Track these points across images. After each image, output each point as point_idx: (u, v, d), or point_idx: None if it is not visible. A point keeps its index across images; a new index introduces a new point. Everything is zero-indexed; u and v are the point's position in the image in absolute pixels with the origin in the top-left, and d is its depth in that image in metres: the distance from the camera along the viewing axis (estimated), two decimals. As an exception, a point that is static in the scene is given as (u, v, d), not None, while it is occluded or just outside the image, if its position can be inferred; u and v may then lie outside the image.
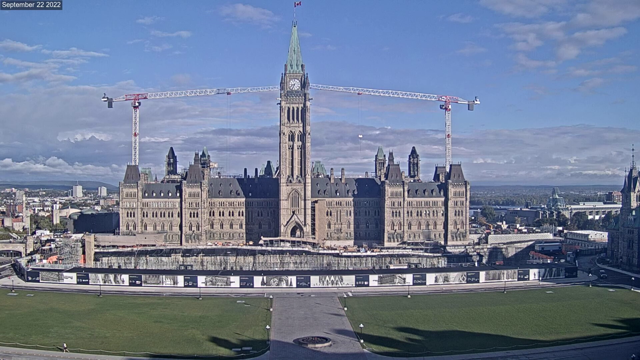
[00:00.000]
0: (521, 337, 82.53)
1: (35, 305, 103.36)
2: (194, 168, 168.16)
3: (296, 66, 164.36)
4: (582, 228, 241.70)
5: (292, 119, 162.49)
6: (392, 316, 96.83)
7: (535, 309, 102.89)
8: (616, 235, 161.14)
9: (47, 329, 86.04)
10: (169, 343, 79.63)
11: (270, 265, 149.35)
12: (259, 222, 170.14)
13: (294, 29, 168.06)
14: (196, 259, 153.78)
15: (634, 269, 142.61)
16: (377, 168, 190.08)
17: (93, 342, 78.91)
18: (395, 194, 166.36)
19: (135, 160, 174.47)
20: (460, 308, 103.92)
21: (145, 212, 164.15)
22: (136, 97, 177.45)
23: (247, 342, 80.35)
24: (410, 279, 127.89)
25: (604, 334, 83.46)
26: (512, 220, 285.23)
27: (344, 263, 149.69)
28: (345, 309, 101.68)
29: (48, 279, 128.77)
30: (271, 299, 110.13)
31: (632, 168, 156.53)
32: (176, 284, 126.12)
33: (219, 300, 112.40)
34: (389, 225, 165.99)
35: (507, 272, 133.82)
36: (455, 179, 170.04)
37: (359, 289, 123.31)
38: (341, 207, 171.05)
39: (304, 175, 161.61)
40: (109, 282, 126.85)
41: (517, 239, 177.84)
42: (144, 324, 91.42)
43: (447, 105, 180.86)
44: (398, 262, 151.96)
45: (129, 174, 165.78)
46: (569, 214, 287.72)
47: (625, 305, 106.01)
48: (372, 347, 77.69)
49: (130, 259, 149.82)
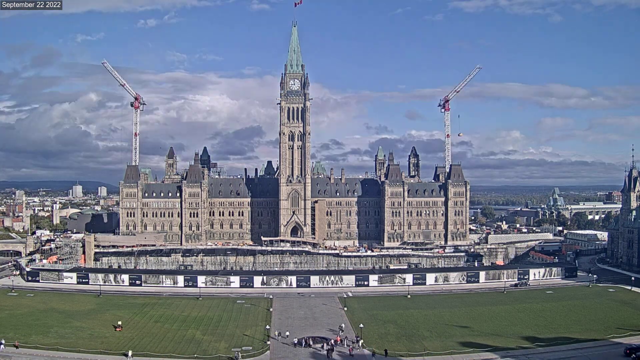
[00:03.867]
0: (521, 337, 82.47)
1: (35, 305, 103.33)
2: (194, 168, 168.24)
3: (296, 66, 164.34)
4: (582, 228, 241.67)
5: (292, 119, 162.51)
6: (392, 316, 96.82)
7: (535, 309, 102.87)
8: (616, 235, 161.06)
9: (47, 329, 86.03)
10: (169, 343, 79.65)
11: (270, 265, 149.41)
12: (259, 222, 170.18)
13: (294, 29, 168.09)
14: (196, 259, 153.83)
15: (634, 269, 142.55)
16: (377, 168, 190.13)
17: (93, 342, 78.95)
18: (395, 194, 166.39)
19: (135, 160, 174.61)
20: (460, 308, 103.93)
21: (145, 212, 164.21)
22: (136, 97, 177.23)
23: (247, 342, 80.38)
24: (410, 279, 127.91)
25: (604, 334, 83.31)
26: (512, 220, 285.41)
27: (344, 263, 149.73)
28: (345, 309, 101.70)
29: (48, 279, 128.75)
30: (271, 299, 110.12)
31: (632, 168, 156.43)
32: (176, 284, 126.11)
33: (219, 300, 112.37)
34: (389, 225, 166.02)
35: (507, 272, 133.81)
36: (455, 179, 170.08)
37: (359, 289, 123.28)
38: (341, 207, 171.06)
39: (304, 175, 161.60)
40: (109, 282, 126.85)
41: (517, 239, 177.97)
42: (144, 324, 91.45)
43: (447, 105, 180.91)
44: (398, 262, 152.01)
45: (129, 174, 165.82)
46: (569, 214, 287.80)
47: (625, 305, 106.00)
48: (372, 347, 77.68)
49: (130, 259, 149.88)
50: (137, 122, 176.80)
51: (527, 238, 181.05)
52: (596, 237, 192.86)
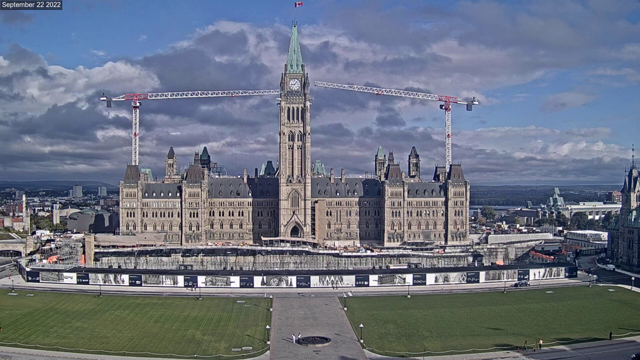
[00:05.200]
0: (521, 337, 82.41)
1: (35, 305, 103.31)
2: (194, 168, 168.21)
3: (296, 66, 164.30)
4: (582, 228, 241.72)
5: (292, 119, 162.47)
6: (392, 316, 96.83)
7: (535, 309, 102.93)
8: (616, 235, 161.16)
9: (47, 329, 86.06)
10: (169, 343, 79.64)
11: (270, 265, 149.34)
12: (259, 222, 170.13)
13: (294, 29, 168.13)
14: (196, 259, 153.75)
15: (634, 269, 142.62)
16: (377, 168, 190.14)
17: (93, 342, 78.95)
18: (395, 194, 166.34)
19: (135, 160, 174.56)
20: (460, 308, 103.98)
21: (145, 212, 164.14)
22: (136, 97, 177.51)
23: (247, 342, 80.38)
24: (410, 279, 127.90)
25: (603, 334, 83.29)
26: (512, 220, 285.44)
27: (344, 263, 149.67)
28: (345, 309, 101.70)
29: (48, 279, 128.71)
30: (271, 299, 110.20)
31: (632, 168, 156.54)
32: (176, 284, 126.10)
33: (219, 300, 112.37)
34: (389, 226, 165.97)
35: (507, 272, 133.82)
36: (455, 179, 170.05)
37: (359, 289, 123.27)
38: (341, 207, 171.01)
39: (304, 175, 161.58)
40: (109, 282, 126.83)
41: (517, 239, 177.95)
42: (144, 324, 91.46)
43: (447, 105, 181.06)
44: (398, 262, 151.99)
45: (129, 174, 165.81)
46: (569, 214, 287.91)
47: (625, 305, 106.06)
48: (372, 347, 77.70)
49: (130, 259, 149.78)
50: (137, 122, 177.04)
51: (527, 238, 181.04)
52: (597, 237, 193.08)
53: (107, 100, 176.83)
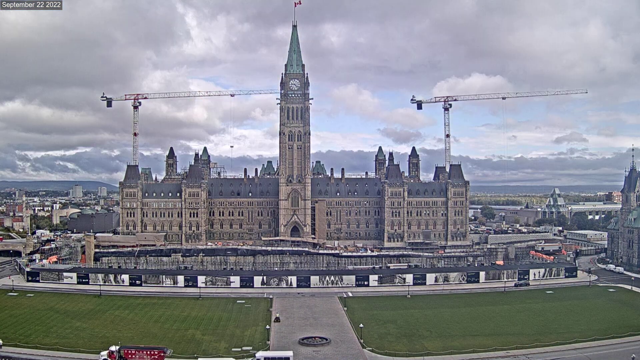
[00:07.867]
0: (521, 337, 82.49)
1: (35, 305, 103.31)
2: (194, 168, 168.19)
3: (296, 66, 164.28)
4: (582, 228, 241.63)
5: (292, 118, 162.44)
6: (392, 316, 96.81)
7: (536, 309, 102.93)
8: (616, 235, 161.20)
9: (47, 329, 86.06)
10: (169, 343, 79.59)
11: (270, 266, 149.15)
12: (259, 222, 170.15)
13: (294, 29, 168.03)
14: (196, 259, 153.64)
15: (634, 269, 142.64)
16: (377, 168, 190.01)
17: (93, 342, 78.93)
18: (395, 194, 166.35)
19: (135, 160, 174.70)
20: (460, 308, 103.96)
21: (145, 212, 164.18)
22: (136, 97, 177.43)
23: (247, 342, 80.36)
24: (410, 279, 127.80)
25: (604, 334, 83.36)
26: (512, 220, 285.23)
27: (344, 263, 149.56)
28: (345, 309, 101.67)
29: (48, 279, 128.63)
30: (271, 299, 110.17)
31: (632, 168, 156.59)
32: (176, 284, 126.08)
33: (219, 300, 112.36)
34: (389, 225, 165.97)
35: (507, 272, 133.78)
36: (455, 179, 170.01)
37: (359, 289, 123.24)
38: (341, 207, 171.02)
39: (304, 175, 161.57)
40: (109, 282, 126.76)
41: (517, 239, 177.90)
42: (144, 324, 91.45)
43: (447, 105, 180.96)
44: (398, 262, 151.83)
45: (129, 174, 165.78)
46: (569, 214, 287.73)
47: (625, 305, 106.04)
48: (372, 347, 77.68)
49: (130, 259, 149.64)
50: (136, 122, 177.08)
51: (527, 238, 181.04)
52: (597, 237, 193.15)
53: (107, 100, 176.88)
